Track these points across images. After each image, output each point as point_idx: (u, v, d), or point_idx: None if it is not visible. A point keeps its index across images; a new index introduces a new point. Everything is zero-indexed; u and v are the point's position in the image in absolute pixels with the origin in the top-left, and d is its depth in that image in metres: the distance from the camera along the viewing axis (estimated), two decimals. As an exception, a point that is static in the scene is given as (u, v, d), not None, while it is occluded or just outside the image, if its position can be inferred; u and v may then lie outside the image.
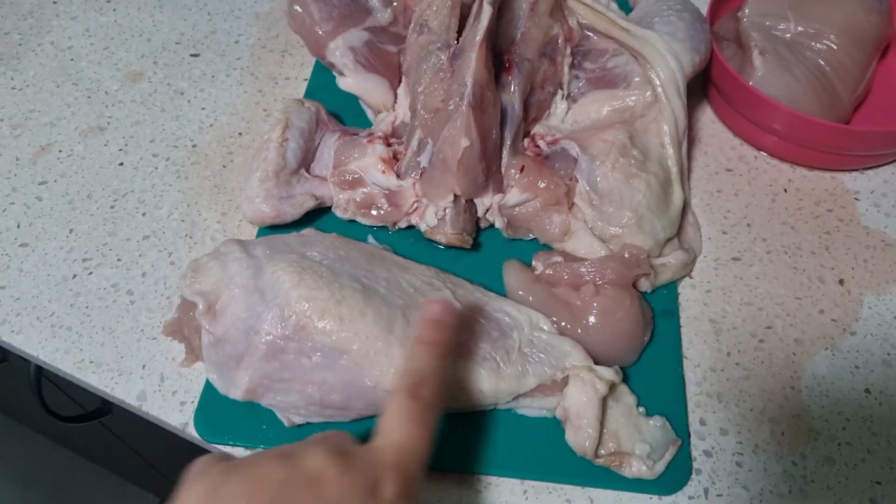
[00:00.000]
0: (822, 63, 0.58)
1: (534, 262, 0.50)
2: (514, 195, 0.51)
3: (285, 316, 0.41)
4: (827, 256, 0.55)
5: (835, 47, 0.58)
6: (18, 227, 0.56)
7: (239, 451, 0.45)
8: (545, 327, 0.45)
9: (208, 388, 0.47)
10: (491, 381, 0.42)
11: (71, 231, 0.56)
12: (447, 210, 0.50)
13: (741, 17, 0.60)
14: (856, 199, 0.58)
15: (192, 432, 0.46)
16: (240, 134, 0.63)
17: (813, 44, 0.58)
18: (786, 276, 0.53)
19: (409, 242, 0.53)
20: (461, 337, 0.43)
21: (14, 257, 0.55)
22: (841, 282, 0.53)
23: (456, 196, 0.49)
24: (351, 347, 0.41)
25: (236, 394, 0.43)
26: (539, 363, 0.43)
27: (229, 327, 0.42)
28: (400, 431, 0.33)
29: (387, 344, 0.41)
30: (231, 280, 0.43)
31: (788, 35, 0.59)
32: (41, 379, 0.65)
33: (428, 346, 0.37)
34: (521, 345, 0.44)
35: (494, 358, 0.43)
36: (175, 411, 0.47)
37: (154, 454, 0.99)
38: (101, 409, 0.78)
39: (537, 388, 0.43)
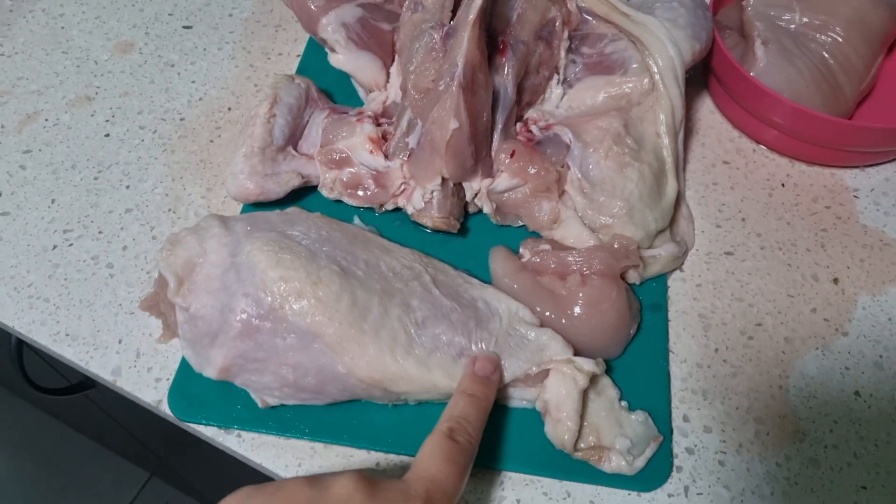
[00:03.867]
0: (827, 56, 0.56)
1: (521, 250, 0.49)
2: (503, 180, 0.49)
3: (260, 295, 0.40)
4: (822, 254, 0.53)
5: (840, 40, 0.56)
6: (0, 195, 0.55)
7: (212, 431, 0.44)
8: (525, 318, 0.44)
9: (184, 365, 0.46)
10: None
11: (53, 201, 0.55)
12: (434, 193, 0.49)
13: (745, 6, 0.59)
14: (855, 196, 0.57)
15: (165, 410, 0.45)
16: (229, 109, 0.61)
17: (818, 35, 0.57)
18: (779, 272, 0.52)
19: (395, 225, 0.52)
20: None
21: (-6, 226, 0.54)
22: (835, 280, 0.52)
23: (444, 179, 0.48)
24: (325, 332, 0.40)
25: (210, 372, 0.42)
26: (515, 357, 0.42)
27: (204, 304, 0.41)
28: (433, 467, 0.34)
29: (360, 332, 0.40)
30: (207, 256, 0.42)
31: (793, 26, 0.58)
32: (23, 350, 0.65)
33: (472, 397, 0.39)
34: (497, 338, 0.43)
35: (470, 354, 0.42)
36: (150, 388, 0.47)
37: (139, 429, 0.98)
38: (84, 383, 0.77)
39: (515, 379, 0.42)
